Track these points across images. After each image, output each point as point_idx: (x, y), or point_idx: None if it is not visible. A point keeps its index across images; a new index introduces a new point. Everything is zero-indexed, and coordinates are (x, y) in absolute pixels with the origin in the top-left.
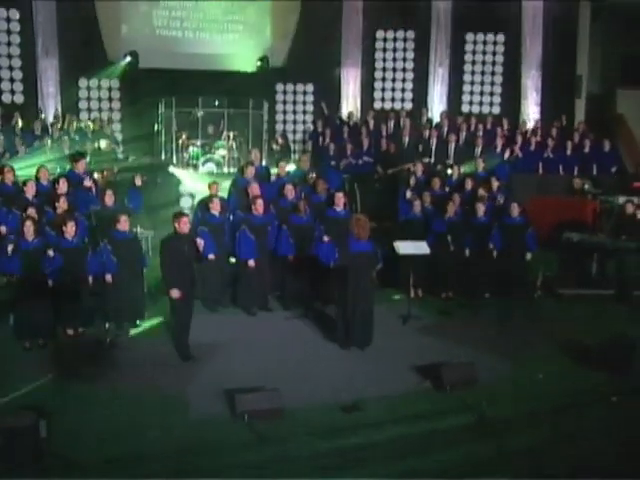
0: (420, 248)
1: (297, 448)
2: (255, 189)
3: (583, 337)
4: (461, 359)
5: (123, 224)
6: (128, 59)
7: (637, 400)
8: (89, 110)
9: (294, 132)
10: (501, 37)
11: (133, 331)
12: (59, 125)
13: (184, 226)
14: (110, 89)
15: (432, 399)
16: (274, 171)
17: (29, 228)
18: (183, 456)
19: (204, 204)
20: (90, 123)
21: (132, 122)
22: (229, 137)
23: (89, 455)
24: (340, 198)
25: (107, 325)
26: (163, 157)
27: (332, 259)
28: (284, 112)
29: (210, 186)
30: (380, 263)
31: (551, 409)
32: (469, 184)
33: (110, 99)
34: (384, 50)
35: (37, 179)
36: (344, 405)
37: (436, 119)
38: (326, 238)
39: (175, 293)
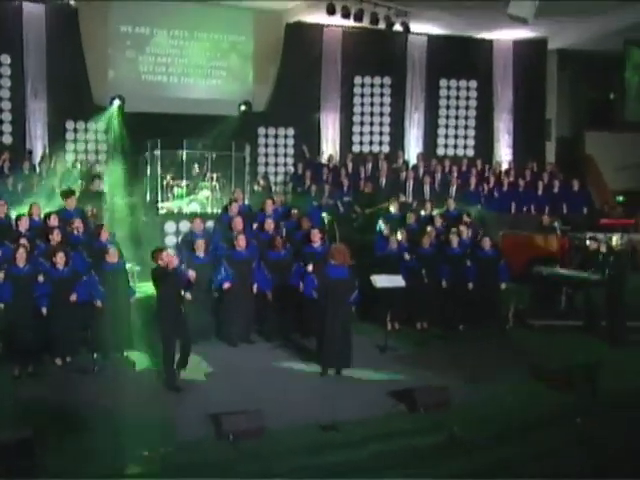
0: (395, 281)
1: (279, 465)
2: (238, 224)
3: (551, 364)
4: (434, 383)
5: (112, 256)
6: (117, 103)
7: (601, 421)
8: (75, 152)
9: (275, 174)
10: (473, 83)
11: (120, 360)
12: (47, 165)
13: (169, 260)
14: (96, 132)
15: (406, 420)
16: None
17: (21, 255)
18: (170, 473)
19: (189, 244)
20: (78, 164)
21: (118, 163)
22: (212, 179)
23: (77, 472)
24: (316, 234)
25: (94, 355)
26: (148, 197)
27: (312, 288)
28: (266, 155)
29: (193, 220)
30: (356, 290)
31: (519, 429)
32: (438, 221)
33: (96, 141)
34: (362, 95)
35: (30, 215)
36: (323, 425)
37: (412, 161)
38: (310, 267)
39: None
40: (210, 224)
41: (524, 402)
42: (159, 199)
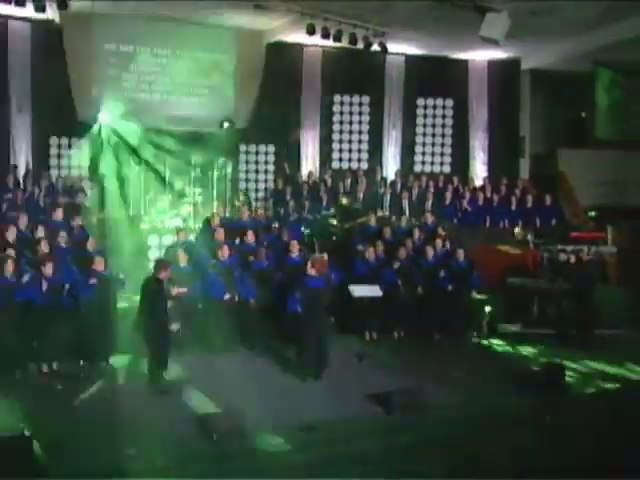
0: (373, 291)
1: (260, 462)
2: (220, 235)
3: (521, 368)
4: (410, 387)
5: (98, 264)
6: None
7: (568, 418)
8: (59, 167)
9: (256, 190)
10: (450, 101)
11: (105, 366)
12: (31, 180)
13: (164, 273)
14: (80, 147)
15: (384, 421)
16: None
17: (9, 266)
18: (155, 472)
19: (173, 255)
20: (61, 179)
21: (101, 180)
22: (195, 194)
23: (70, 469)
24: (295, 245)
25: (81, 362)
26: (132, 212)
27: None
28: (246, 171)
29: (178, 233)
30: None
31: (492, 428)
32: (416, 234)
33: (80, 157)
34: (341, 113)
35: (17, 226)
36: (304, 426)
37: (390, 177)
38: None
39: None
40: (192, 237)
41: (495, 403)
42: (142, 213)
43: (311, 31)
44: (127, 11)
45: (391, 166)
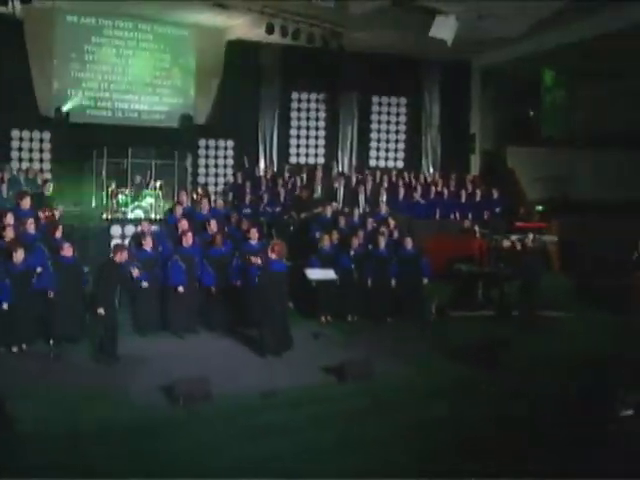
0: (327, 274)
1: (224, 424)
2: (184, 224)
3: (464, 345)
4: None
5: (67, 250)
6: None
7: (503, 388)
8: (20, 160)
9: (215, 184)
10: (403, 100)
11: (74, 346)
12: None
13: (120, 256)
14: (41, 140)
15: (336, 388)
16: None
17: None
18: (125, 434)
19: (137, 241)
20: (23, 172)
21: (62, 172)
22: (156, 187)
23: (47, 431)
24: (254, 233)
25: (51, 341)
26: (94, 204)
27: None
28: (206, 165)
29: (142, 223)
30: None
31: (434, 394)
32: (370, 223)
33: (41, 150)
34: (298, 110)
35: None
36: (263, 392)
37: (346, 172)
38: (258, 260)
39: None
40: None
41: (438, 374)
42: (104, 206)
43: (270, 30)
44: (87, 8)
45: (346, 161)
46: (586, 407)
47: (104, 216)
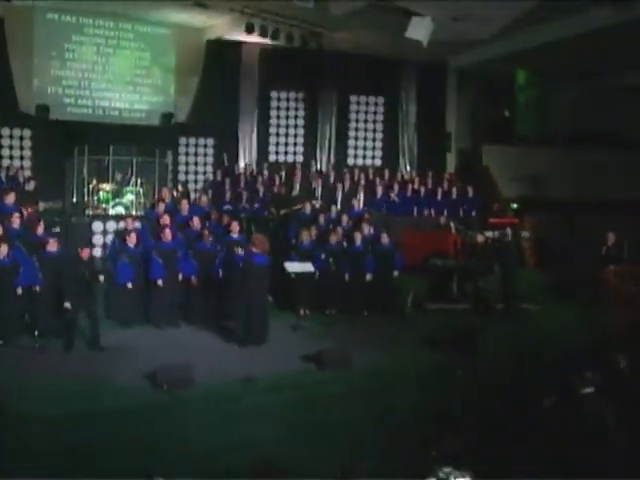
0: (306, 267)
1: (206, 407)
2: (165, 219)
3: (439, 335)
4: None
5: (52, 245)
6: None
7: (476, 374)
8: (0, 157)
9: (195, 182)
10: (381, 99)
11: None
12: None
13: (83, 254)
14: (22, 138)
15: (315, 375)
16: None
17: None
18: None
19: (121, 237)
20: (3, 169)
21: (43, 169)
22: (137, 183)
23: (36, 410)
24: (235, 226)
25: (36, 332)
26: (75, 200)
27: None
28: (186, 163)
29: (127, 219)
30: None
31: (408, 381)
32: (345, 220)
33: (21, 147)
34: (278, 109)
35: None
36: (243, 380)
37: (324, 170)
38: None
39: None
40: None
41: (415, 361)
42: (85, 202)
43: (250, 29)
44: (68, 6)
45: (325, 159)
46: (549, 388)
47: (87, 212)
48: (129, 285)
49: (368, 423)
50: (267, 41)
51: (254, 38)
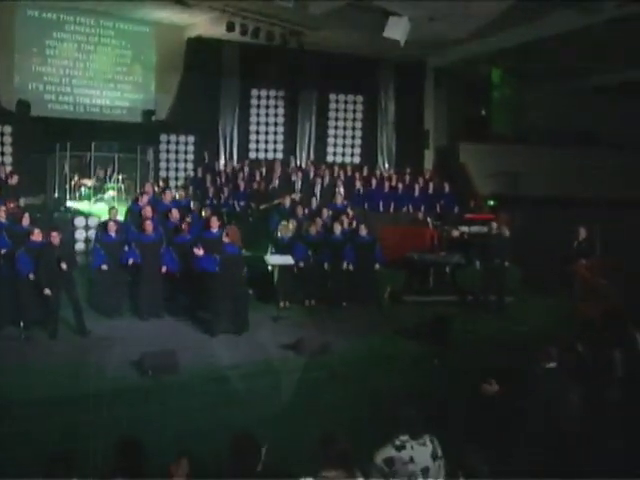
0: (286, 260)
1: (191, 391)
2: (148, 212)
3: (414, 325)
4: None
5: (37, 235)
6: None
7: (452, 362)
8: None
9: (176, 179)
10: (360, 97)
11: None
12: None
13: (53, 239)
14: (2, 134)
15: (295, 361)
16: None
17: None
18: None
19: (102, 226)
20: None
21: (25, 165)
22: (118, 179)
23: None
24: (214, 221)
25: (22, 323)
26: (57, 195)
27: (213, 266)
28: (167, 160)
29: (110, 211)
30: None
31: (384, 366)
32: (325, 213)
33: (2, 143)
34: (258, 107)
35: None
36: (226, 365)
37: (304, 167)
38: (201, 251)
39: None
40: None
41: (388, 349)
42: (67, 198)
43: (230, 28)
44: (49, 3)
45: (305, 156)
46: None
47: (67, 206)
48: (104, 267)
49: (345, 405)
50: (248, 39)
51: (235, 36)
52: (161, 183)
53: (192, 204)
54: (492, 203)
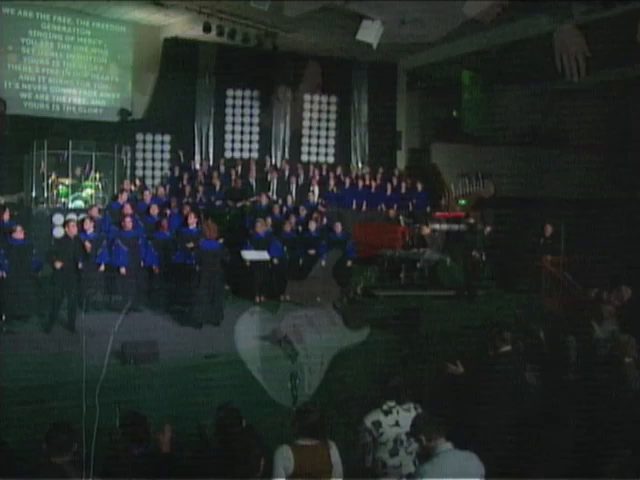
0: (261, 255)
1: (170, 379)
2: (127, 209)
3: (385, 317)
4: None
5: (19, 233)
6: None
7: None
8: None
9: (152, 177)
10: (334, 98)
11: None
12: None
13: (72, 229)
14: None
15: (270, 350)
16: None
17: None
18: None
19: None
20: None
21: (1, 163)
22: (95, 178)
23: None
24: (192, 218)
25: (3, 317)
26: (34, 194)
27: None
28: (144, 159)
29: (90, 209)
30: (229, 256)
31: (355, 354)
32: (302, 211)
33: None
34: (233, 107)
35: None
36: (204, 355)
37: (279, 166)
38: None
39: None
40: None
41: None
42: (44, 196)
43: (207, 29)
44: (25, 1)
45: (279, 155)
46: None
47: (44, 206)
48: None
49: (317, 392)
50: (224, 40)
51: (211, 37)
52: (137, 182)
53: (171, 201)
54: (463, 202)
